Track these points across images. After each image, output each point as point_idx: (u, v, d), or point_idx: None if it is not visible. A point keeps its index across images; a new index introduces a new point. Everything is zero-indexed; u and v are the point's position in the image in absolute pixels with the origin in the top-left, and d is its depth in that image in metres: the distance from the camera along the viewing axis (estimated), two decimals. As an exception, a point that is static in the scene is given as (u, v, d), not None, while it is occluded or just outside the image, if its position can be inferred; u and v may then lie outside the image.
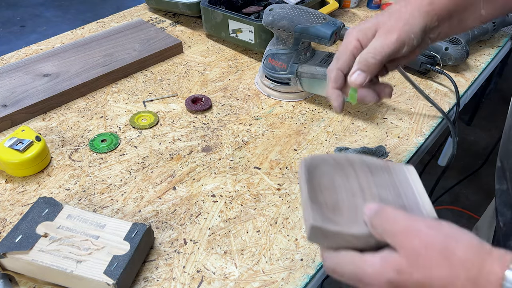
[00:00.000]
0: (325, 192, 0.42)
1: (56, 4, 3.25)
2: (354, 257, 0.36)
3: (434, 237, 0.32)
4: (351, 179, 0.44)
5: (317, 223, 0.37)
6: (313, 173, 0.43)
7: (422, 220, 0.34)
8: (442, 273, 0.31)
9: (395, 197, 0.42)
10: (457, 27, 0.49)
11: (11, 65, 0.85)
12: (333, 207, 0.41)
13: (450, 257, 0.31)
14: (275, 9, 0.76)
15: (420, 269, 0.31)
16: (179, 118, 0.78)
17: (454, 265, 0.31)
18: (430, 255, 0.31)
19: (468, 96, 0.90)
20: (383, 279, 0.33)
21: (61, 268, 0.49)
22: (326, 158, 0.45)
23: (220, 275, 0.54)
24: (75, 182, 0.65)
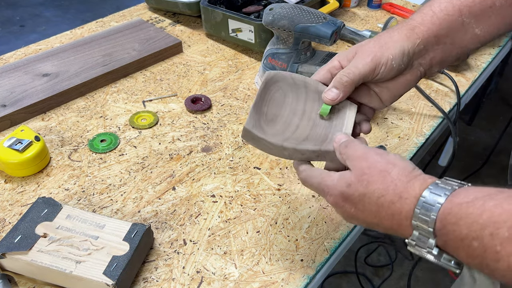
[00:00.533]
0: (271, 105, 0.50)
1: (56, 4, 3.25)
2: (322, 173, 0.44)
3: (378, 161, 0.40)
4: (300, 100, 0.51)
5: (248, 127, 0.46)
6: (269, 87, 0.51)
7: (374, 150, 0.42)
8: (377, 187, 0.39)
9: (326, 124, 0.50)
10: (453, 50, 0.49)
11: (10, 65, 0.85)
12: (271, 118, 0.49)
13: (386, 176, 0.39)
14: (275, 9, 0.76)
15: (363, 183, 0.40)
16: (178, 118, 0.78)
17: (386, 182, 0.39)
18: (371, 173, 0.40)
19: (468, 96, 0.89)
20: (338, 191, 0.42)
21: (60, 268, 0.48)
22: (286, 77, 0.52)
23: (220, 276, 0.53)
24: (75, 182, 0.65)
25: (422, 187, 0.37)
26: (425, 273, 1.52)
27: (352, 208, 0.41)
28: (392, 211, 0.38)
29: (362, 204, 0.40)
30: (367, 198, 0.39)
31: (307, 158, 0.47)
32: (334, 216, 0.61)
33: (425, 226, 0.36)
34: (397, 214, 0.38)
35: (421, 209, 0.36)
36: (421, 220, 0.36)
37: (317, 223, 0.60)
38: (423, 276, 1.51)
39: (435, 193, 0.36)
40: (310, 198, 0.64)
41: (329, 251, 0.57)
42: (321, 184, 0.44)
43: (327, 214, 0.61)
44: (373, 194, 0.39)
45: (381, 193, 0.38)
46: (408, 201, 0.37)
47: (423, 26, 0.47)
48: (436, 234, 0.35)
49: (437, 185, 0.36)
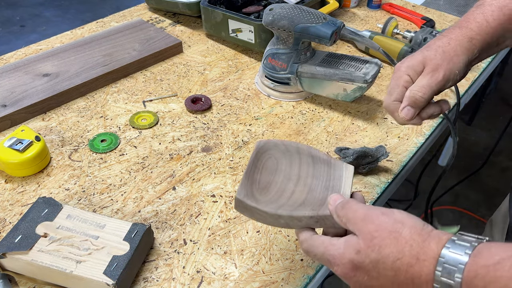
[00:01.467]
0: (264, 172, 0.49)
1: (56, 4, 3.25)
2: (325, 241, 0.41)
3: (385, 222, 0.38)
4: (294, 166, 0.50)
5: (239, 196, 0.45)
6: (261, 155, 0.50)
7: (377, 209, 0.39)
8: (391, 250, 0.36)
9: (323, 188, 0.48)
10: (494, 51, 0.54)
11: (10, 65, 0.85)
12: (264, 186, 0.48)
13: (398, 237, 0.36)
14: (275, 9, 0.76)
15: (375, 248, 0.37)
16: (179, 118, 0.78)
17: (400, 244, 0.36)
18: (382, 236, 0.37)
19: (468, 96, 0.89)
20: (346, 259, 0.38)
21: (60, 268, 0.48)
22: (278, 144, 0.51)
23: (220, 276, 0.54)
24: (75, 182, 0.65)
25: (439, 246, 0.35)
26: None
27: (366, 277, 0.38)
28: (412, 275, 0.35)
29: (376, 271, 0.37)
30: (381, 263, 0.36)
31: (306, 225, 0.44)
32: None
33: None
34: (417, 278, 0.35)
35: (442, 271, 0.33)
36: (444, 284, 0.33)
37: (317, 223, 0.60)
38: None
39: (455, 252, 0.33)
40: (310, 198, 0.64)
41: (329, 251, 0.57)
42: (325, 254, 0.40)
43: (327, 214, 0.61)
44: (387, 259, 0.36)
45: (396, 256, 0.36)
46: (427, 263, 0.34)
47: (480, 36, 0.51)
48: None
49: (454, 242, 0.34)
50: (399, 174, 0.69)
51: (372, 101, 0.83)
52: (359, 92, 0.76)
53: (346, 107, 0.81)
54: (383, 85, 0.88)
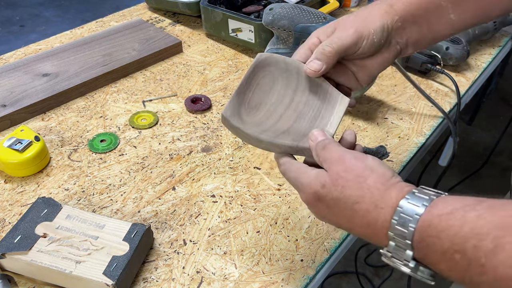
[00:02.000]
0: (257, 91, 0.48)
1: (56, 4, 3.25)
2: (300, 168, 0.43)
3: (356, 166, 0.39)
4: (289, 88, 0.48)
5: (225, 114, 0.45)
6: (258, 71, 0.48)
7: (352, 153, 0.40)
8: (353, 193, 0.37)
9: (311, 118, 0.47)
10: (427, 34, 0.49)
11: (10, 65, 0.85)
12: (253, 105, 0.47)
13: (362, 182, 0.37)
14: (275, 9, 0.76)
15: (337, 187, 0.38)
16: (178, 118, 0.78)
17: (362, 189, 0.37)
18: (348, 178, 0.38)
19: (469, 96, 0.89)
20: (312, 190, 0.40)
21: (60, 268, 0.48)
22: (279, 61, 0.48)
23: (220, 276, 0.53)
24: (74, 182, 0.65)
25: (399, 196, 0.36)
26: (425, 273, 1.52)
27: (325, 209, 0.40)
28: (368, 220, 0.37)
29: (336, 208, 0.39)
30: (342, 202, 0.38)
31: (285, 152, 0.45)
32: (334, 216, 0.61)
33: (402, 237, 0.34)
34: (373, 224, 0.37)
35: (398, 220, 0.35)
36: (398, 231, 0.34)
37: (317, 223, 0.60)
38: (423, 276, 1.51)
39: (412, 203, 0.34)
40: (310, 198, 0.63)
41: (329, 251, 0.57)
42: (296, 180, 0.43)
43: (327, 214, 0.61)
44: (348, 200, 0.38)
45: (355, 200, 0.37)
46: (384, 211, 0.36)
47: (401, 4, 0.47)
48: (414, 246, 0.34)
49: (414, 194, 0.35)
50: (399, 174, 0.69)
51: (372, 101, 0.83)
52: (359, 92, 0.76)
53: (346, 107, 0.81)
54: (383, 85, 0.87)
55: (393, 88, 0.87)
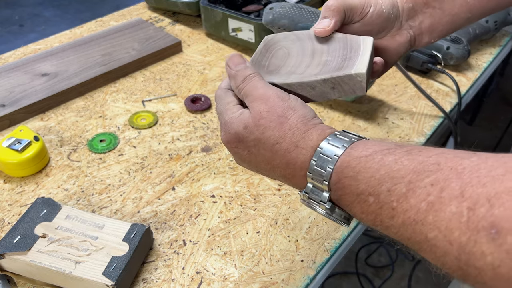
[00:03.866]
0: (273, 59, 0.44)
1: (55, 4, 3.25)
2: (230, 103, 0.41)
3: (278, 105, 0.38)
4: (306, 49, 0.45)
5: None
6: (270, 47, 0.45)
7: (275, 91, 0.39)
8: (273, 134, 0.37)
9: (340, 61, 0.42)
10: (442, 17, 0.47)
11: (9, 65, 0.85)
12: (273, 70, 0.43)
13: (283, 122, 0.37)
14: (275, 8, 0.76)
15: (259, 128, 0.37)
16: (178, 118, 0.78)
17: (284, 129, 0.37)
18: (270, 118, 0.37)
19: (469, 95, 0.89)
20: (233, 130, 0.39)
21: (59, 269, 0.48)
22: (288, 35, 0.46)
23: (219, 276, 0.53)
24: (74, 183, 0.65)
25: (320, 138, 0.36)
26: (425, 274, 1.52)
27: (245, 151, 0.39)
28: (287, 160, 0.37)
29: (256, 149, 0.38)
30: (262, 143, 0.37)
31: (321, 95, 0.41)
32: (335, 216, 0.61)
33: (320, 178, 0.34)
34: (292, 164, 0.36)
35: (317, 161, 0.34)
36: (317, 172, 0.34)
37: (318, 224, 0.60)
38: (423, 276, 1.51)
39: (333, 145, 0.34)
40: (311, 198, 0.63)
41: (329, 252, 0.56)
42: (221, 115, 0.41)
43: (327, 214, 0.61)
44: (268, 141, 0.37)
45: (276, 140, 0.37)
46: (304, 151, 0.36)
47: None
48: (331, 187, 0.34)
49: (336, 136, 0.35)
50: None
51: (373, 100, 0.83)
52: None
53: (346, 107, 0.81)
54: (384, 85, 0.87)
55: (393, 88, 0.87)
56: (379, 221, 0.31)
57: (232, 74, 0.41)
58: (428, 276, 1.51)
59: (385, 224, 0.31)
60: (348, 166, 0.33)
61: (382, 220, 0.31)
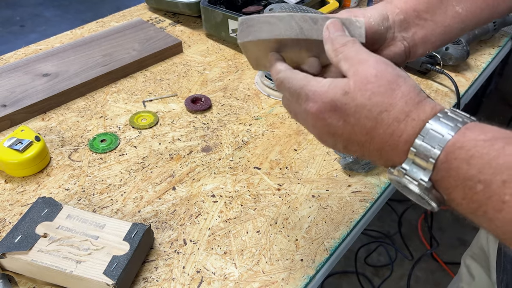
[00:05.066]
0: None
1: (56, 4, 3.25)
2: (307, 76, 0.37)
3: (388, 71, 0.34)
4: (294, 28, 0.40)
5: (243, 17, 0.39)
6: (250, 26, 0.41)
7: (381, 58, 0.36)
8: (383, 100, 0.33)
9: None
10: (435, 29, 0.47)
11: (10, 65, 0.85)
12: None
13: (395, 89, 0.33)
14: (275, 9, 0.76)
15: (366, 93, 0.34)
16: (178, 118, 0.78)
17: (396, 96, 0.33)
18: (379, 83, 0.34)
19: (468, 96, 0.89)
20: (328, 98, 0.35)
21: (60, 268, 0.48)
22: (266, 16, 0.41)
23: (220, 276, 0.53)
24: (75, 182, 0.65)
25: (433, 112, 0.33)
26: (425, 273, 1.52)
27: (340, 121, 0.35)
28: (393, 130, 0.33)
29: (356, 118, 0.34)
30: (367, 111, 0.34)
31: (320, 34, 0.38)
32: (334, 216, 0.61)
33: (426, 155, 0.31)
34: (397, 135, 0.33)
35: (426, 137, 0.32)
36: (423, 148, 0.31)
37: (317, 223, 0.60)
38: (423, 276, 1.51)
39: (445, 122, 0.32)
40: (310, 198, 0.64)
41: (329, 251, 0.57)
42: (304, 88, 0.37)
43: (327, 214, 0.61)
44: (375, 108, 0.33)
45: (385, 107, 0.33)
46: (414, 123, 0.32)
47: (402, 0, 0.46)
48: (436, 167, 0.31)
49: (447, 114, 0.32)
50: (399, 174, 0.69)
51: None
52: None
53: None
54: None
55: (393, 88, 0.87)
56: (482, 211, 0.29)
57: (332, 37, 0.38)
58: (427, 276, 1.52)
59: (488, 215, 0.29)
60: (462, 147, 0.30)
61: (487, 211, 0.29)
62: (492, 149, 0.29)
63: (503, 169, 0.28)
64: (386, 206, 1.71)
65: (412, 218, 1.71)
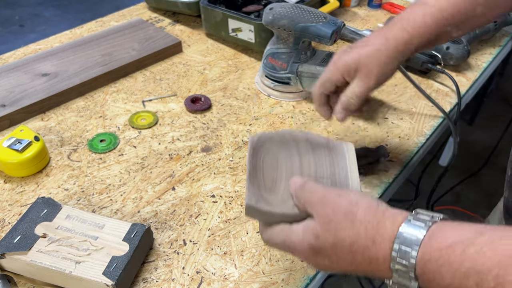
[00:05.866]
0: (266, 169, 0.47)
1: (55, 4, 3.25)
2: (284, 228, 0.41)
3: (341, 204, 0.38)
4: (294, 156, 0.49)
5: (251, 203, 0.42)
6: (258, 151, 0.48)
7: (333, 191, 0.40)
8: (348, 234, 0.36)
9: (329, 174, 0.47)
10: (430, 47, 0.56)
11: (9, 65, 0.85)
12: (270, 186, 0.46)
13: (353, 220, 0.36)
14: (275, 8, 0.76)
15: (331, 232, 0.37)
16: (178, 118, 0.78)
17: (356, 226, 0.36)
18: (338, 219, 0.37)
19: (469, 95, 0.89)
20: (306, 245, 0.39)
21: (60, 269, 0.48)
22: (272, 136, 0.49)
23: (219, 276, 0.53)
24: (74, 182, 0.65)
25: (395, 227, 0.35)
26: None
27: (326, 260, 0.39)
28: (369, 257, 0.36)
29: (336, 255, 0.38)
30: (340, 247, 0.37)
31: None
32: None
33: (405, 270, 0.34)
34: (374, 260, 0.36)
35: (398, 253, 0.34)
36: (400, 264, 0.34)
37: (318, 223, 0.60)
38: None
39: (410, 233, 0.34)
40: (311, 198, 0.63)
41: (329, 252, 0.56)
42: (286, 242, 0.41)
43: (327, 214, 0.61)
44: (344, 242, 0.37)
45: (352, 239, 0.36)
46: (382, 245, 0.35)
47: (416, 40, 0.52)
48: (418, 278, 0.34)
49: (410, 222, 0.35)
50: (400, 174, 0.69)
51: (372, 101, 0.83)
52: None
53: (346, 107, 0.81)
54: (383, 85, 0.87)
55: (393, 88, 0.87)
56: None
57: (292, 191, 0.42)
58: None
59: None
60: (430, 259, 0.33)
61: None
62: (455, 255, 0.32)
63: (471, 272, 0.30)
64: (387, 206, 1.71)
65: (412, 218, 1.70)
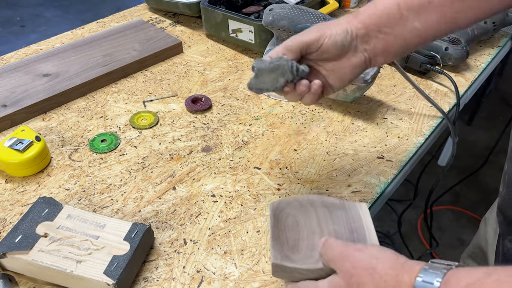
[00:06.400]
0: (287, 231, 0.51)
1: (56, 4, 3.25)
2: (309, 285, 0.44)
3: (361, 258, 0.40)
4: (313, 220, 0.52)
5: (276, 261, 0.46)
6: (278, 216, 0.52)
7: (352, 245, 0.42)
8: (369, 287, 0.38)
9: (348, 232, 0.50)
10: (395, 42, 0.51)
11: (11, 65, 0.85)
12: (293, 245, 0.50)
13: (373, 273, 0.38)
14: (275, 9, 0.76)
15: (354, 286, 0.39)
16: (179, 118, 0.78)
17: (376, 280, 0.38)
18: (359, 273, 0.39)
19: (468, 96, 0.90)
20: None
21: (61, 268, 0.48)
22: (290, 201, 0.54)
23: (220, 275, 0.54)
24: (75, 182, 0.65)
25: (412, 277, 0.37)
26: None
27: None
28: None
29: None
30: None
31: None
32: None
33: None
34: None
35: None
36: None
37: (317, 223, 0.60)
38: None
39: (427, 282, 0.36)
40: (310, 198, 0.64)
41: (328, 251, 0.57)
42: None
43: (327, 214, 0.62)
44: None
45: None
46: None
47: (364, 15, 0.51)
48: None
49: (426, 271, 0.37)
50: (399, 174, 0.69)
51: (372, 101, 0.83)
52: (358, 92, 0.76)
53: (345, 107, 0.81)
54: (382, 85, 0.88)
55: (392, 88, 0.87)
56: None
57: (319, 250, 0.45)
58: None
59: None
60: None
61: None
62: None
63: None
64: (386, 206, 1.71)
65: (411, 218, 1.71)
